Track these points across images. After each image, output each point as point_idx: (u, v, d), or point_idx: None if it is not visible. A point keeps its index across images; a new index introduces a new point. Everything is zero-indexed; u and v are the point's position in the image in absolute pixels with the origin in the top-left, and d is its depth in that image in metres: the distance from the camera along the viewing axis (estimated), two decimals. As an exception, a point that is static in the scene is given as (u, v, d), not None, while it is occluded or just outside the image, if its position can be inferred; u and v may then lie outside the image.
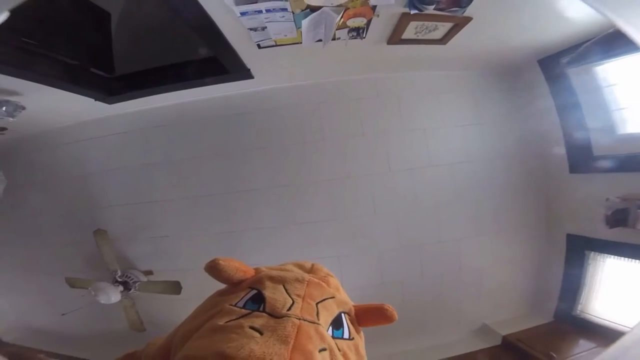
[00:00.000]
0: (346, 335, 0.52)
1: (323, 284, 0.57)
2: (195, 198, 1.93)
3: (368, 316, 0.57)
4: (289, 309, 0.48)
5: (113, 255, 1.91)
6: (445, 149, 1.91)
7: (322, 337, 0.46)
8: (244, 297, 0.51)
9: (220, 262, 0.54)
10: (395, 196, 1.90)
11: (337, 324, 0.52)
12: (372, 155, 1.90)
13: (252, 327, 0.43)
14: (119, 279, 1.89)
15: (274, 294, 0.50)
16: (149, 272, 1.98)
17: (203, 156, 1.93)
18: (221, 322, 0.46)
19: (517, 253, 1.95)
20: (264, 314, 0.47)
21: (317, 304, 0.51)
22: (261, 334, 0.42)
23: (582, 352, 1.58)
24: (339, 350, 0.48)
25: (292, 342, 0.41)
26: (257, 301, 0.49)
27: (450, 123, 1.91)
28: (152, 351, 0.59)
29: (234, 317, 0.46)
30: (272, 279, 0.54)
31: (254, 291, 0.51)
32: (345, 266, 1.90)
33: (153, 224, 1.98)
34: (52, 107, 1.83)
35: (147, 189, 1.97)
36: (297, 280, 0.54)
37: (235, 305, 0.49)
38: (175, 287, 1.82)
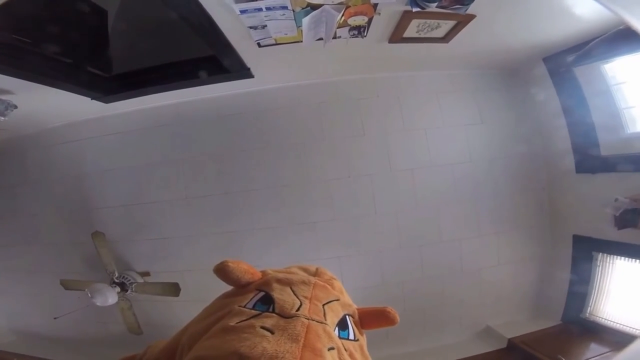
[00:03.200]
0: (351, 336, 0.54)
1: (328, 286, 0.58)
2: (194, 199, 1.91)
3: (371, 319, 0.59)
4: (298, 309, 0.49)
5: (111, 256, 1.89)
6: (446, 149, 1.90)
7: (330, 337, 0.47)
8: (252, 298, 0.52)
9: (230, 264, 0.55)
10: (396, 196, 1.89)
11: (342, 325, 0.54)
12: (373, 155, 1.89)
13: (263, 327, 0.44)
14: (116, 280, 1.87)
15: (282, 296, 0.52)
16: (145, 274, 1.96)
17: (202, 156, 1.91)
18: (232, 322, 0.47)
19: (522, 254, 1.94)
20: (273, 314, 0.48)
21: (323, 305, 0.53)
22: (272, 333, 0.43)
23: (593, 356, 1.56)
24: (346, 350, 0.49)
25: (302, 340, 0.43)
26: (266, 302, 0.51)
27: (452, 123, 1.90)
28: (154, 354, 0.58)
29: (244, 318, 0.47)
30: (280, 281, 0.55)
31: (262, 293, 0.53)
32: (346, 266, 1.89)
33: (151, 225, 1.96)
34: (47, 106, 1.81)
35: (146, 189, 1.95)
36: (304, 282, 0.56)
37: (244, 307, 0.51)
38: (174, 289, 1.80)
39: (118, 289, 1.87)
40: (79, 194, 1.99)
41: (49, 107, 1.82)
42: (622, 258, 1.62)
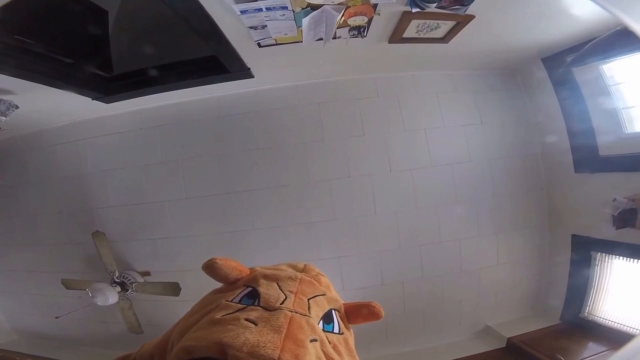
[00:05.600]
0: (336, 330, 0.55)
1: (314, 282, 0.60)
2: (194, 199, 1.92)
3: (357, 313, 0.60)
4: (282, 303, 0.51)
5: (111, 256, 1.89)
6: (446, 149, 1.90)
7: (313, 329, 0.49)
8: (239, 293, 0.54)
9: (218, 261, 0.57)
10: (395, 196, 1.89)
11: (327, 319, 0.55)
12: (373, 156, 1.89)
13: (247, 319, 0.46)
14: (117, 280, 1.88)
15: (268, 290, 0.53)
16: (146, 273, 1.96)
17: (202, 156, 1.92)
18: (218, 315, 0.49)
19: (521, 253, 1.94)
20: (258, 307, 0.50)
21: (308, 299, 0.54)
22: (256, 324, 0.45)
23: (591, 355, 1.57)
24: (329, 342, 0.51)
25: (284, 331, 0.44)
26: (252, 297, 0.53)
27: (452, 123, 1.90)
28: (147, 350, 0.60)
29: (230, 311, 0.49)
30: (267, 277, 0.57)
31: (249, 288, 0.55)
32: (346, 267, 1.89)
33: (152, 224, 1.96)
34: (48, 106, 1.81)
35: (146, 189, 1.95)
36: (290, 278, 0.58)
37: (231, 301, 0.52)
38: (174, 289, 1.80)
39: (118, 288, 1.87)
40: (80, 194, 1.99)
41: (49, 107, 1.82)
42: (621, 257, 1.63)
